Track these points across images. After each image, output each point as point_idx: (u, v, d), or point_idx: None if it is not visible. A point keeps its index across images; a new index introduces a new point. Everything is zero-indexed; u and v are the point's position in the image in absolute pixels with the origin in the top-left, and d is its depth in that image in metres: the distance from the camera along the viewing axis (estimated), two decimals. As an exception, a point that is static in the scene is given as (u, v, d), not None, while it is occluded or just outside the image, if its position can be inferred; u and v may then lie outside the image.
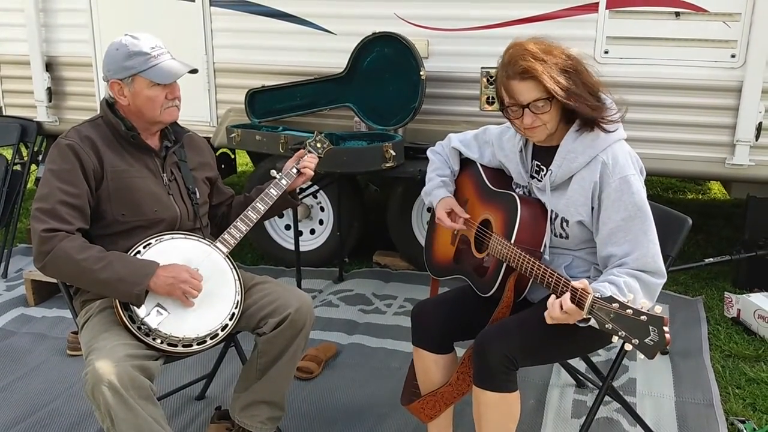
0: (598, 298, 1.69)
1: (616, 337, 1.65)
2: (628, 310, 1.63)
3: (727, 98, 3.42)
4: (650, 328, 1.60)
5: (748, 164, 3.46)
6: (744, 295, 3.48)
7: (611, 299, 1.67)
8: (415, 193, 3.97)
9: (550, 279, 1.86)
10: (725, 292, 3.66)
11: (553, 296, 1.79)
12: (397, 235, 4.18)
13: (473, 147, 2.33)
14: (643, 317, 1.61)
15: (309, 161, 2.46)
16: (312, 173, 2.46)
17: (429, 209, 2.48)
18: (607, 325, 1.66)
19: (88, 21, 4.33)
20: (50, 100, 4.57)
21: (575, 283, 1.75)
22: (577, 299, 1.72)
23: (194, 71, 2.22)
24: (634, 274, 1.86)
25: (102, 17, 4.31)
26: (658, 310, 1.62)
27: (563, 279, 1.82)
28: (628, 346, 1.64)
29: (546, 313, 1.78)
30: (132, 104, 2.18)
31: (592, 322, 1.71)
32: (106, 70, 2.17)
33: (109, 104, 2.23)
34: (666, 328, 1.60)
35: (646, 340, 1.61)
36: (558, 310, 1.75)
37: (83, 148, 2.13)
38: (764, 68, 3.32)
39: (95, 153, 2.14)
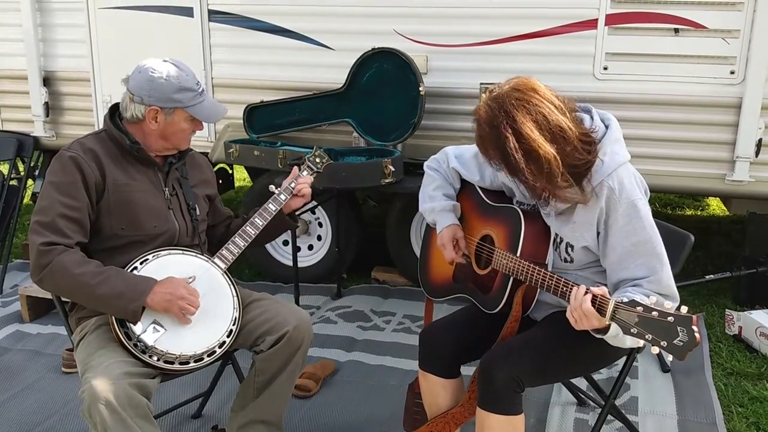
0: (620, 302, 1.66)
1: (643, 341, 1.62)
2: (654, 313, 1.60)
3: (727, 114, 3.42)
4: (678, 328, 1.57)
5: (748, 180, 3.45)
6: (745, 313, 3.46)
7: (634, 303, 1.64)
8: (414, 208, 3.91)
9: (565, 288, 1.84)
10: (726, 309, 3.64)
11: (575, 289, 1.76)
12: (395, 251, 4.15)
13: (473, 168, 2.28)
14: (670, 318, 1.58)
15: (303, 182, 2.42)
16: (309, 193, 2.43)
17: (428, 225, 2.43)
18: (632, 330, 1.63)
19: (86, 36, 4.32)
20: (47, 115, 4.54)
21: (594, 290, 1.73)
22: (598, 305, 1.70)
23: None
24: (648, 294, 1.83)
25: (100, 32, 4.30)
26: (684, 310, 1.59)
27: (580, 287, 1.79)
28: (655, 350, 1.60)
29: (569, 308, 1.76)
30: (161, 130, 2.19)
31: (615, 332, 1.68)
32: (146, 95, 2.14)
33: (113, 118, 2.22)
34: (695, 328, 1.56)
35: (675, 342, 1.57)
36: (579, 303, 1.72)
37: (86, 161, 2.11)
38: (764, 84, 3.31)
39: (98, 166, 2.13)
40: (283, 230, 2.50)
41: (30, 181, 4.66)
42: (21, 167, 4.62)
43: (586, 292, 1.74)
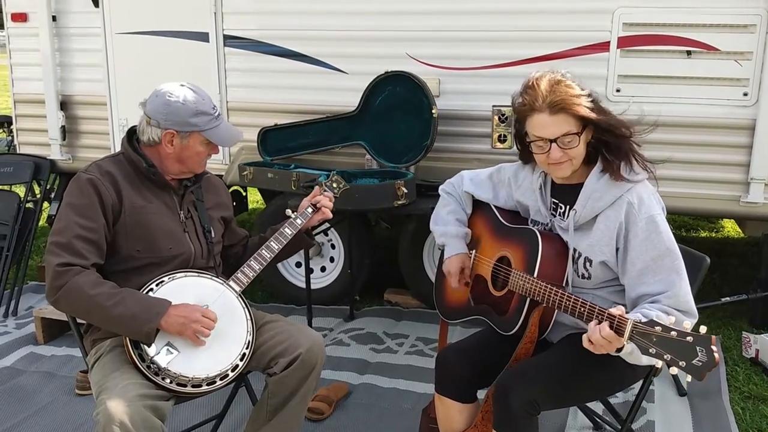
0: (638, 323, 1.65)
1: (661, 361, 1.61)
2: (673, 332, 1.59)
3: (741, 136, 3.41)
4: (697, 348, 1.56)
5: (763, 202, 3.42)
6: (762, 335, 3.42)
7: (653, 323, 1.63)
8: (426, 230, 3.91)
9: (582, 309, 1.83)
10: (743, 332, 3.60)
11: (594, 321, 1.75)
12: (408, 272, 4.14)
13: (487, 188, 2.30)
14: (689, 338, 1.57)
15: (325, 199, 2.46)
16: (329, 210, 2.47)
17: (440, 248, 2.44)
18: (650, 350, 1.62)
19: (103, 61, 4.38)
20: (64, 139, 4.60)
21: (612, 310, 1.72)
22: (616, 326, 1.69)
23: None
24: (666, 310, 1.83)
25: (117, 57, 4.36)
26: (703, 330, 1.58)
27: (597, 308, 1.78)
28: (673, 370, 1.59)
29: (585, 336, 1.75)
30: (177, 154, 2.22)
31: (631, 349, 1.67)
32: (162, 119, 2.17)
33: (130, 141, 2.25)
34: (714, 347, 1.55)
35: (693, 362, 1.56)
36: (598, 334, 1.72)
37: (103, 183, 2.14)
38: (778, 106, 3.30)
39: (115, 188, 2.15)
40: (299, 249, 2.51)
41: (45, 204, 4.69)
42: (37, 190, 4.66)
43: (600, 321, 1.73)
